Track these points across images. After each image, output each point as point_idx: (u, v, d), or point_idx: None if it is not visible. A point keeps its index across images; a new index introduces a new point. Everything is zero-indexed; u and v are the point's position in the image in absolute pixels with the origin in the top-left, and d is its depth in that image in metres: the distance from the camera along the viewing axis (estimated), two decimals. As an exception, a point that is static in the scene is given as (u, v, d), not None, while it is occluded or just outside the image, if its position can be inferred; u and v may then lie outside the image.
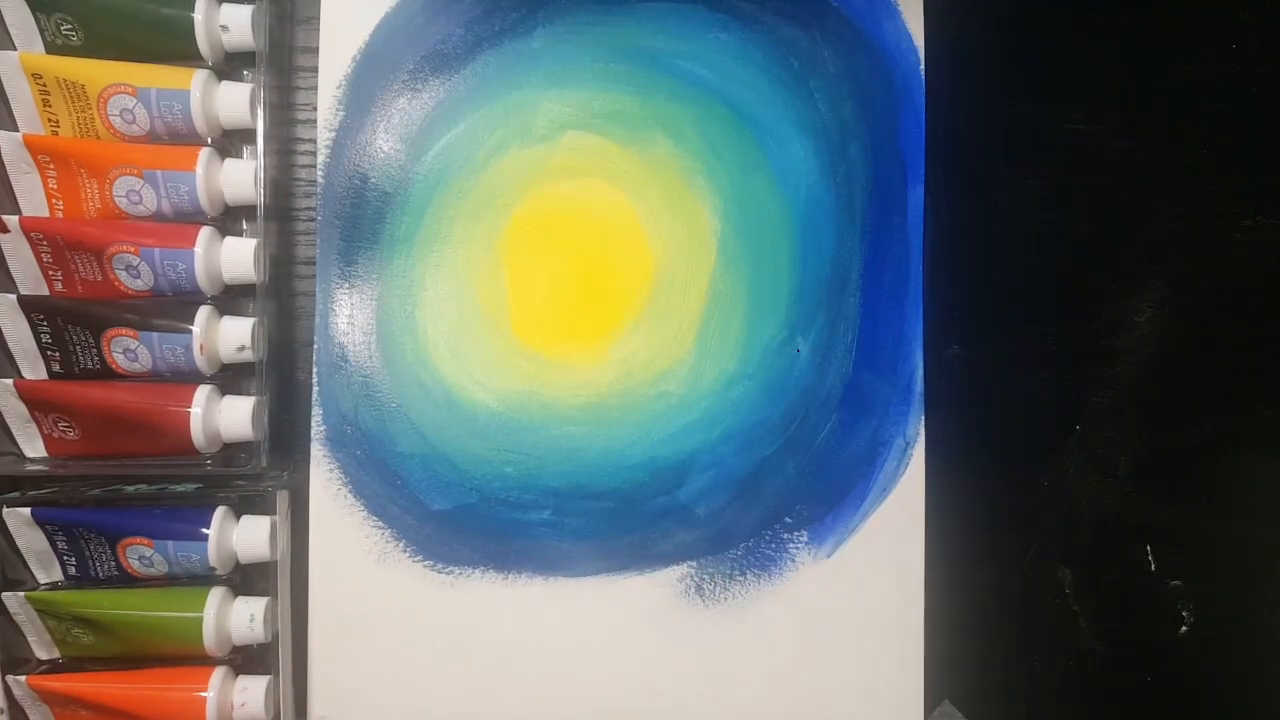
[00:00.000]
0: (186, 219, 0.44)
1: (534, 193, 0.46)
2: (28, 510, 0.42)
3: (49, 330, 0.43)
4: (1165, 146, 0.50)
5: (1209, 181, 0.50)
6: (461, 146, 0.46)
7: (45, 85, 0.42)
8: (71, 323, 0.43)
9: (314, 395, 0.45)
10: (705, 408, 0.47)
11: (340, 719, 0.45)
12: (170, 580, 0.44)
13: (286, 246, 0.46)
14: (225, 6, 0.43)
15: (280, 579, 0.44)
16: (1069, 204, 0.50)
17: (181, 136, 0.44)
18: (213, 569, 0.43)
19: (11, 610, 0.43)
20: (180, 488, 0.44)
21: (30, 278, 0.43)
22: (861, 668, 0.47)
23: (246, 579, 0.45)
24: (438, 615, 0.45)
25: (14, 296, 0.42)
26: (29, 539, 0.43)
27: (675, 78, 0.47)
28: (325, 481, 0.45)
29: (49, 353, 0.43)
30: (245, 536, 0.44)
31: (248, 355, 0.44)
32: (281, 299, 0.46)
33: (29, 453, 0.44)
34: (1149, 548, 0.50)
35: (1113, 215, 0.50)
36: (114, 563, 0.43)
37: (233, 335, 0.44)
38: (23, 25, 0.43)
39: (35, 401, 0.43)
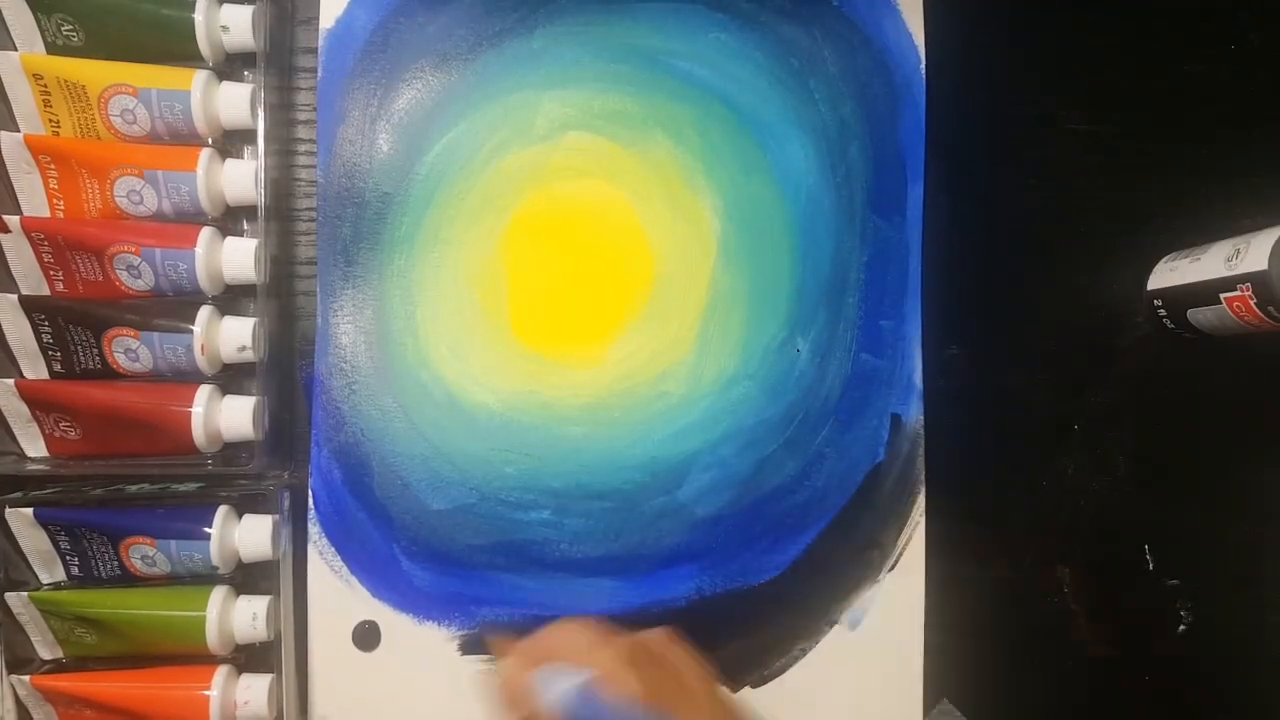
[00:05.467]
0: (187, 219, 0.44)
1: (534, 193, 0.46)
2: (30, 510, 0.42)
3: (50, 330, 0.43)
4: (1165, 146, 0.50)
5: (1208, 181, 0.50)
6: (462, 146, 0.46)
7: (46, 86, 0.42)
8: (73, 323, 0.43)
9: (314, 395, 0.45)
10: (705, 408, 0.47)
11: (342, 718, 0.45)
12: (173, 579, 0.44)
13: (287, 246, 0.46)
14: (225, 7, 0.43)
15: (282, 578, 0.44)
16: (1068, 204, 0.50)
17: (182, 137, 0.44)
18: (215, 568, 0.44)
19: (15, 610, 0.43)
20: (182, 487, 0.44)
21: (31, 278, 0.43)
22: (861, 666, 0.47)
23: (249, 578, 0.45)
24: (439, 613, 0.46)
25: (15, 296, 0.42)
26: (32, 539, 0.43)
27: (675, 78, 0.47)
28: (325, 481, 0.45)
29: (50, 352, 0.43)
30: (247, 535, 0.44)
31: (248, 355, 0.44)
32: (282, 299, 0.46)
33: (30, 453, 0.44)
34: (1147, 547, 0.50)
35: (1112, 215, 0.50)
36: (117, 562, 0.44)
37: (233, 335, 0.44)
38: (23, 26, 0.43)
39: (37, 401, 0.43)
